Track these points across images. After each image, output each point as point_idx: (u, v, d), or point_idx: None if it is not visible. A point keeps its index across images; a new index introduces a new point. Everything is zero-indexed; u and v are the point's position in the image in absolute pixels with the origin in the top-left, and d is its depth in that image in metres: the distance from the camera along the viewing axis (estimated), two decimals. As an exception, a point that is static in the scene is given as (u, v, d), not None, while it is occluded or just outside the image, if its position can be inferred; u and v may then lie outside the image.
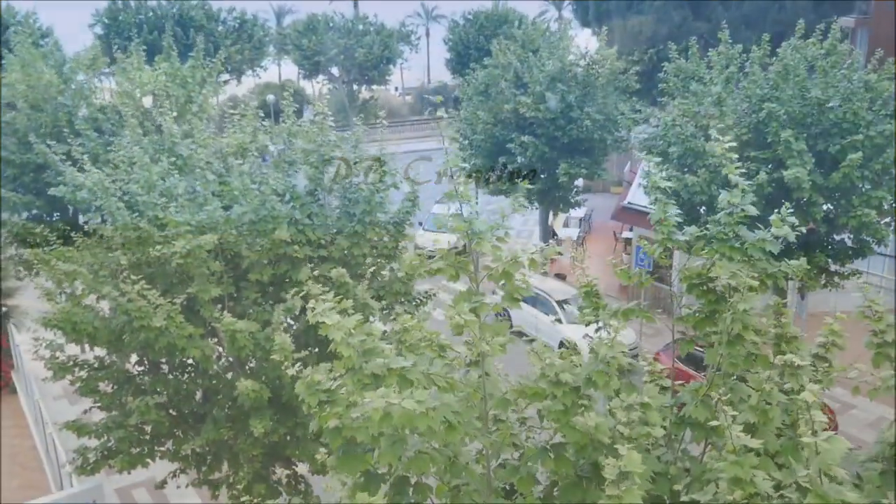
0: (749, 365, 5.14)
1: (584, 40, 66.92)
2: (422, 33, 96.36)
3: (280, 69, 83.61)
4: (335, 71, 55.43)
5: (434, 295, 12.17)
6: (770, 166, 16.92)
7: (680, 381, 5.91)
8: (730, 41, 18.55)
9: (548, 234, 28.43)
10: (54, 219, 16.85)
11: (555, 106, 22.48)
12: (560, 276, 27.54)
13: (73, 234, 11.37)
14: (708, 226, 6.03)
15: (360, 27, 53.95)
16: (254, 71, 54.39)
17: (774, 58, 17.68)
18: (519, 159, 24.01)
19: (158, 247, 9.19)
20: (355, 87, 56.48)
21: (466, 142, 25.82)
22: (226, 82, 54.82)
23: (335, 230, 10.96)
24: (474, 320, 4.83)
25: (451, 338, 5.54)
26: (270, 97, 55.65)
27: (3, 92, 16.49)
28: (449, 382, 4.75)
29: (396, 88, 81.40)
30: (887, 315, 5.21)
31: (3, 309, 21.27)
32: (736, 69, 17.92)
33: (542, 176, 24.83)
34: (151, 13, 45.67)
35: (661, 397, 4.85)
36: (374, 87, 57.76)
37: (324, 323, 4.67)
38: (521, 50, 25.90)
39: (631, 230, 28.29)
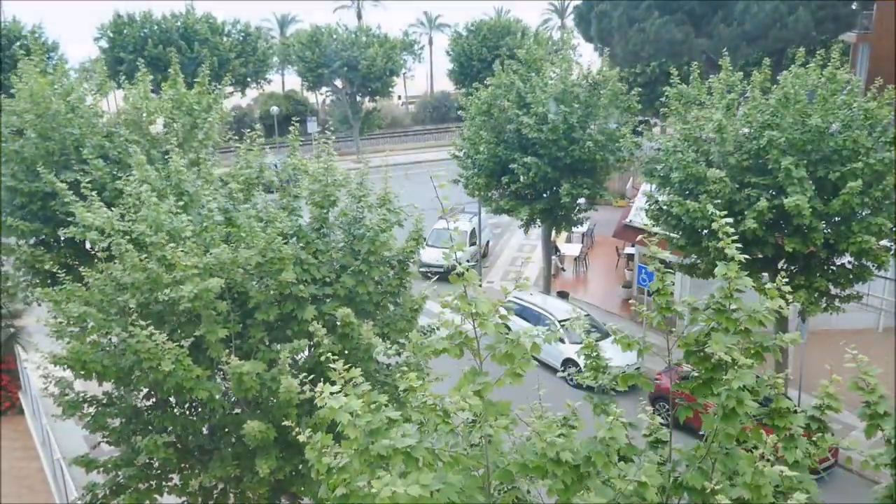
0: (743, 437, 5.28)
1: (587, 53, 67.19)
2: (424, 42, 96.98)
3: (284, 79, 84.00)
4: (339, 82, 55.65)
5: (436, 329, 12.24)
6: (771, 192, 17.08)
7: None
8: (730, 68, 18.69)
9: (550, 249, 28.55)
10: (62, 244, 17.00)
11: (557, 125, 22.63)
12: (563, 294, 27.67)
13: (80, 266, 11.53)
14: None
15: (364, 39, 54.15)
16: (258, 84, 54.66)
17: (777, 77, 17.82)
18: (522, 179, 24.16)
19: (167, 290, 9.36)
20: (359, 97, 56.70)
21: (470, 160, 26.00)
22: (230, 94, 55.13)
23: (339, 266, 11.13)
24: (478, 403, 4.95)
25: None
26: (274, 109, 55.96)
27: (12, 119, 16.69)
28: (454, 457, 4.89)
29: (399, 97, 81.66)
30: (879, 387, 5.34)
31: (11, 330, 21.50)
32: (737, 95, 18.07)
33: (545, 195, 25.00)
34: (156, 27, 45.91)
35: (657, 476, 4.97)
36: (378, 98, 57.97)
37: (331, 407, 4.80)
38: (523, 68, 26.05)
39: (633, 246, 28.44)
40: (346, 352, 10.23)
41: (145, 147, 16.09)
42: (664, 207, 18.71)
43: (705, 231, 17.89)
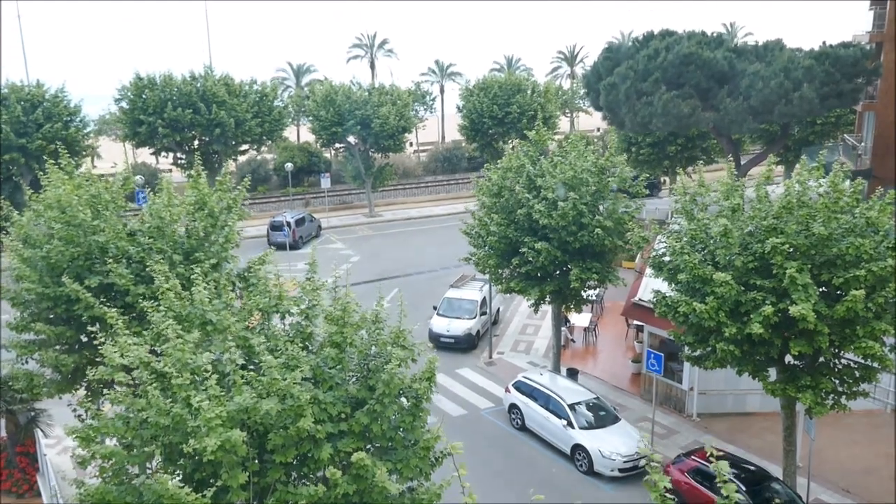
0: None
1: (596, 120, 67.87)
2: (436, 91, 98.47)
3: (299, 130, 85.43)
4: (352, 139, 56.66)
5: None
6: (775, 295, 17.44)
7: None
8: (735, 174, 19.17)
9: (559, 322, 28.86)
10: (84, 345, 17.51)
11: (566, 211, 23.11)
12: (572, 372, 27.91)
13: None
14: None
15: (377, 98, 55.20)
16: (273, 142, 55.71)
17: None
18: (532, 261, 24.59)
19: (192, 441, 9.79)
20: (371, 152, 57.67)
21: (481, 239, 26.50)
22: (244, 152, 56.21)
23: (354, 399, 11.56)
24: None
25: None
26: (289, 165, 56.92)
27: (40, 225, 17.35)
28: None
29: (411, 144, 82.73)
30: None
31: (31, 414, 21.97)
32: (741, 199, 18.53)
33: (555, 275, 25.41)
34: (176, 90, 47.04)
35: None
36: (390, 154, 58.99)
37: None
38: (533, 149, 26.67)
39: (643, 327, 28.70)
40: (361, 491, 10.60)
41: (168, 254, 16.66)
42: (671, 304, 19.09)
43: (713, 332, 18.27)
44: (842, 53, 32.41)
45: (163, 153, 51.09)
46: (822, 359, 18.33)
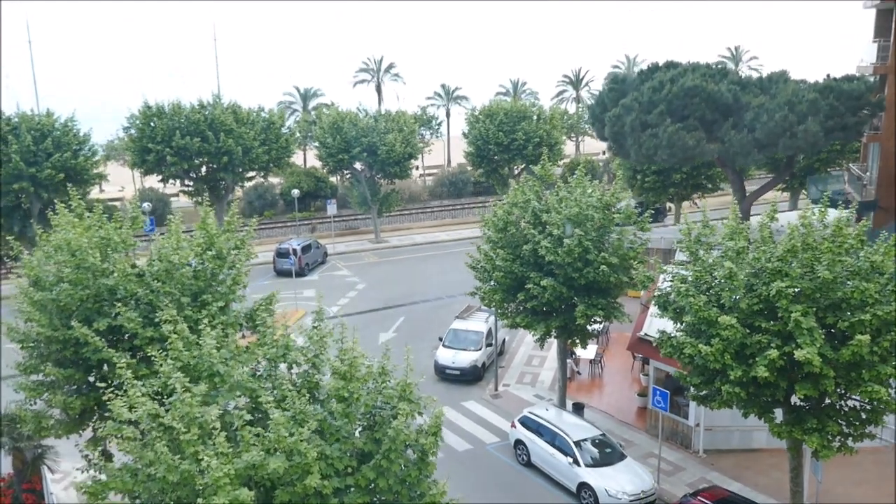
0: None
1: (601, 144, 68.32)
2: (442, 115, 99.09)
3: (305, 154, 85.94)
4: (358, 165, 57.05)
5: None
6: (780, 338, 17.46)
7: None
8: (740, 215, 19.27)
9: (565, 355, 28.85)
10: (92, 387, 17.60)
11: (572, 248, 23.21)
12: (578, 407, 27.88)
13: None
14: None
15: (383, 125, 55.61)
16: (280, 169, 56.09)
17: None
18: (537, 297, 24.65)
19: (200, 501, 9.86)
20: (378, 178, 58.04)
21: (487, 274, 26.58)
22: (251, 178, 56.57)
23: (360, 452, 11.63)
24: None
25: None
26: (295, 192, 57.25)
27: (50, 266, 17.53)
28: None
29: (417, 167, 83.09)
30: None
31: (38, 450, 22.03)
32: (745, 242, 18.61)
33: (561, 309, 25.45)
34: (185, 118, 47.45)
35: None
36: (396, 180, 59.38)
37: None
38: (539, 184, 26.84)
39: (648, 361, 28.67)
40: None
41: (176, 297, 16.80)
42: (676, 345, 19.12)
43: (718, 373, 18.29)
44: (845, 87, 32.59)
45: (170, 180, 51.41)
46: (828, 400, 18.33)
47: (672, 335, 19.47)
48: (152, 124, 47.75)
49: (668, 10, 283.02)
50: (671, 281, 19.66)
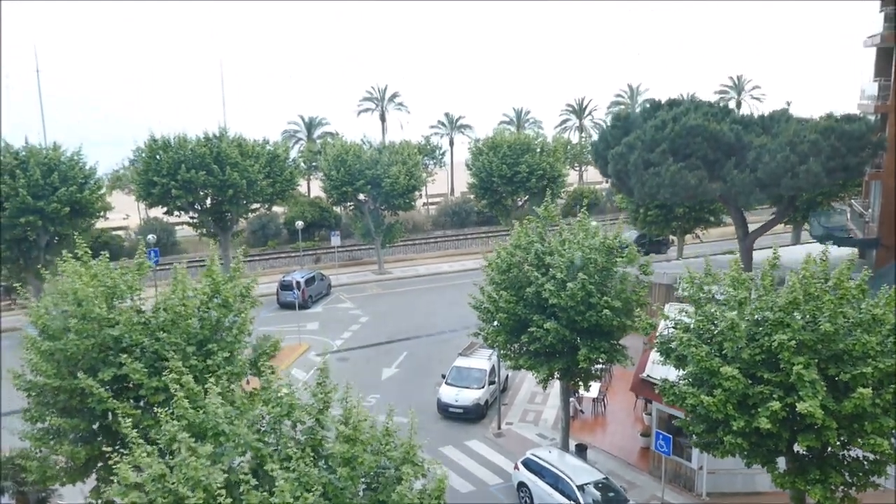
0: None
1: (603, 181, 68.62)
2: (445, 144, 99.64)
3: (310, 184, 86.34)
4: (362, 197, 57.39)
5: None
6: (783, 389, 17.52)
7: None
8: (742, 266, 19.41)
9: (568, 394, 28.84)
10: (98, 435, 17.71)
11: (575, 292, 23.32)
12: (581, 448, 27.83)
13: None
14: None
15: (387, 157, 56.04)
16: (284, 201, 56.42)
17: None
18: (540, 339, 24.72)
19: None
20: (381, 210, 58.36)
21: (490, 315, 26.68)
22: (256, 210, 56.92)
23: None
24: None
25: None
26: (300, 223, 57.54)
27: (55, 316, 17.70)
28: None
29: (420, 196, 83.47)
30: None
31: (42, 494, 22.07)
32: (747, 293, 18.73)
33: (563, 352, 25.51)
34: (190, 151, 47.86)
35: None
36: (400, 212, 59.69)
37: None
38: (541, 225, 27.02)
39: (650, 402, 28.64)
40: None
41: (182, 347, 16.94)
42: (678, 394, 19.17)
43: (721, 423, 18.33)
44: (847, 127, 32.82)
45: (175, 212, 51.73)
46: (830, 449, 18.34)
47: (674, 384, 19.54)
48: (158, 157, 48.14)
49: (672, 39, 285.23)
50: (674, 328, 19.76)
